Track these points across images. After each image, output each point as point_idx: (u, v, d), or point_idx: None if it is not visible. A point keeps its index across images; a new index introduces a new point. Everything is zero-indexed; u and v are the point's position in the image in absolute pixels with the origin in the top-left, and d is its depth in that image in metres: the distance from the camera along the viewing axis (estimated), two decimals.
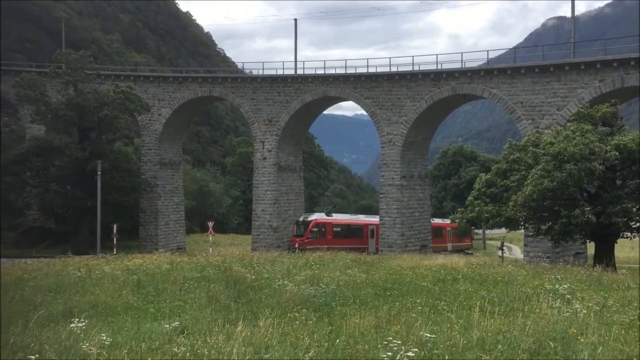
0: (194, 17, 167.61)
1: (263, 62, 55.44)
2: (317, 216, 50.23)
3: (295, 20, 56.42)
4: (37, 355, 6.94)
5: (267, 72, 53.08)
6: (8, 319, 10.90)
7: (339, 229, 50.07)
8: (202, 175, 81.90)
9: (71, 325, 9.07)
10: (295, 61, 53.40)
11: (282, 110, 51.21)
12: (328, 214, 51.08)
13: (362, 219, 54.04)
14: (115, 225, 42.23)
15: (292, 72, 52.32)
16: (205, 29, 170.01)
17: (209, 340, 8.32)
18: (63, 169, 50.80)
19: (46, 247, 47.96)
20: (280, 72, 52.44)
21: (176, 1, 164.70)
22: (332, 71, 50.59)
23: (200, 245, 55.80)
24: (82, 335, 8.39)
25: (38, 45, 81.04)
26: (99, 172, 43.70)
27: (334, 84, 49.80)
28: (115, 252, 35.68)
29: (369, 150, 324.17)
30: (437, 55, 49.73)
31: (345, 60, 47.03)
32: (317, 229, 48.16)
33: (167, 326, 9.23)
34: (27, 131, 57.34)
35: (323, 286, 14.38)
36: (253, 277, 16.23)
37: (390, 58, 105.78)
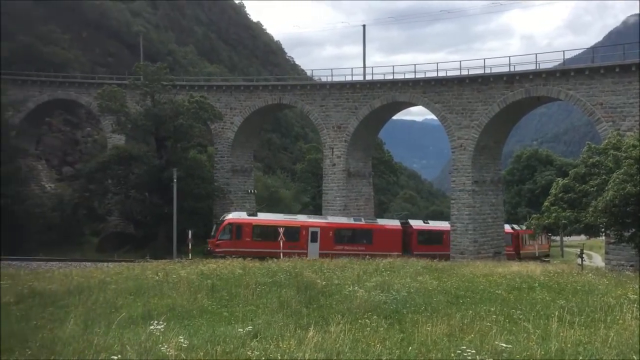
0: (264, 27, 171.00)
1: (332, 69, 56.24)
2: (235, 215, 43.76)
3: (364, 26, 56.55)
4: (119, 356, 7.25)
5: (335, 79, 53.37)
6: (92, 320, 11.46)
7: (261, 230, 42.55)
8: (272, 181, 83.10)
9: (150, 327, 9.42)
10: (364, 67, 53.43)
11: (351, 116, 51.29)
12: (252, 214, 44.67)
13: (300, 219, 45.65)
14: (190, 231, 43.44)
15: (360, 78, 52.34)
16: (275, 38, 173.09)
17: (281, 345, 8.43)
18: (141, 176, 52.82)
19: (126, 252, 49.94)
20: (349, 78, 52.58)
21: (247, 12, 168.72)
22: (401, 76, 50.20)
23: None
24: (160, 337, 8.69)
25: (119, 59, 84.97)
26: (175, 180, 45.18)
27: (403, 89, 49.42)
28: (190, 257, 36.71)
29: (439, 155, 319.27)
30: (509, 57, 48.33)
31: (415, 64, 46.88)
32: (229, 231, 41.56)
33: (241, 330, 9.42)
34: (108, 141, 60.09)
35: (394, 293, 14.28)
36: (323, 283, 16.31)
37: (460, 61, 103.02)
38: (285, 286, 16.47)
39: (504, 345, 8.13)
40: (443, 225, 50.16)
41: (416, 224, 49.16)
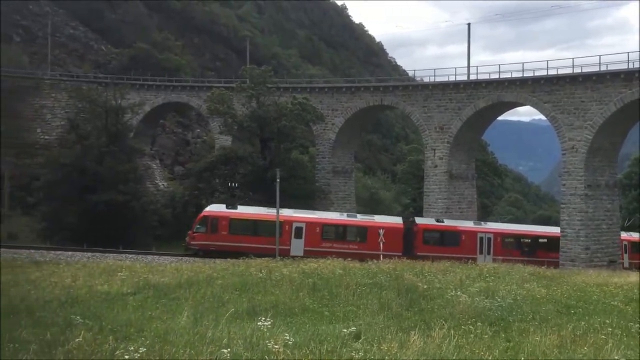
0: (366, 28, 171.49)
1: (434, 69, 55.25)
2: (213, 208, 41.79)
3: (469, 24, 55.13)
4: (228, 349, 7.54)
5: (438, 79, 52.43)
6: (201, 313, 12.00)
7: (239, 224, 40.33)
8: (372, 182, 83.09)
9: (258, 323, 9.71)
10: (468, 66, 52.09)
11: (454, 117, 50.15)
12: (231, 206, 42.16)
13: (285, 213, 41.24)
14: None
15: (464, 77, 51.08)
16: (377, 39, 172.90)
17: (382, 347, 8.39)
18: (246, 176, 54.64)
19: None
20: (452, 78, 51.47)
21: (350, 14, 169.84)
22: (508, 75, 48.44)
23: None
24: (267, 333, 8.94)
25: (226, 63, 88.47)
26: (278, 180, 46.29)
27: (509, 89, 47.64)
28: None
29: (548, 157, 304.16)
30: (628, 53, 44.99)
31: (522, 63, 45.15)
32: (205, 224, 39.65)
33: (345, 330, 9.48)
34: (216, 142, 62.76)
35: (499, 299, 13.80)
36: (425, 286, 16.07)
37: (573, 59, 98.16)
38: (385, 288, 16.37)
39: None
40: (465, 225, 45.01)
41: (424, 221, 44.58)
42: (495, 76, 48.92)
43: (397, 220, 43.58)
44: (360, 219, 42.95)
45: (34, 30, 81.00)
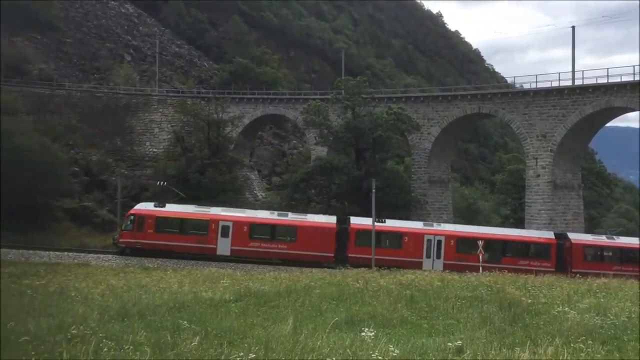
0: (462, 36, 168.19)
1: (536, 75, 53.14)
2: (141, 206, 40.58)
3: (573, 27, 52.60)
4: (333, 358, 7.61)
5: (540, 85, 50.45)
6: (300, 321, 12.19)
7: (165, 222, 38.92)
8: (470, 192, 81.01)
9: (362, 333, 9.75)
10: (573, 71, 49.73)
11: (558, 124, 47.95)
12: (160, 205, 40.46)
13: (212, 212, 40.10)
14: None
15: (569, 83, 48.76)
16: (474, 46, 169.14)
17: None
18: (342, 186, 54.98)
19: None
20: (555, 84, 49.33)
21: (445, 21, 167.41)
22: (617, 79, 45.68)
23: None
24: (371, 343, 8.95)
25: (321, 75, 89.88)
26: (374, 190, 46.26)
27: (619, 93, 44.93)
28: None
29: None
30: None
31: (633, 66, 42.12)
32: (132, 222, 38.65)
33: (450, 344, 9.28)
34: (311, 152, 63.76)
35: (611, 317, 12.96)
36: (529, 300, 15.41)
37: None
38: (487, 302, 15.86)
39: None
40: (411, 226, 41.72)
41: (359, 221, 40.85)
42: (603, 80, 46.37)
43: (330, 220, 40.97)
44: (291, 218, 40.68)
45: (144, 49, 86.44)
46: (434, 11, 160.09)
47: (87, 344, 8.32)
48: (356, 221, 40.59)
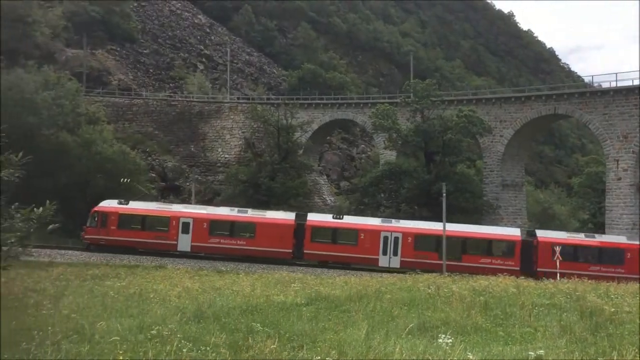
0: (535, 35, 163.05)
1: (616, 74, 50.56)
2: (104, 203, 40.61)
3: None
4: None
5: (621, 84, 48.15)
6: (371, 326, 12.14)
7: (128, 219, 39.54)
8: (545, 196, 78.28)
9: (439, 340, 9.62)
10: None
11: None
12: (123, 202, 40.78)
13: (173, 209, 41.28)
14: None
15: None
16: (548, 45, 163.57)
17: None
18: (411, 190, 54.43)
19: None
20: (637, 82, 46.95)
21: (517, 21, 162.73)
22: None
23: None
24: (449, 350, 8.80)
25: (390, 78, 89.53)
26: (444, 194, 45.55)
27: None
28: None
29: None
30: None
31: None
32: (95, 219, 39.29)
33: (532, 353, 9.00)
34: (380, 157, 63.49)
35: None
36: (612, 309, 14.70)
37: None
38: (566, 310, 15.27)
39: None
40: (368, 222, 40.37)
41: (315, 217, 40.74)
42: None
43: (289, 217, 40.61)
44: (250, 214, 40.62)
45: (215, 58, 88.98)
46: (505, 11, 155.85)
47: (167, 344, 8.63)
48: (313, 218, 40.79)
